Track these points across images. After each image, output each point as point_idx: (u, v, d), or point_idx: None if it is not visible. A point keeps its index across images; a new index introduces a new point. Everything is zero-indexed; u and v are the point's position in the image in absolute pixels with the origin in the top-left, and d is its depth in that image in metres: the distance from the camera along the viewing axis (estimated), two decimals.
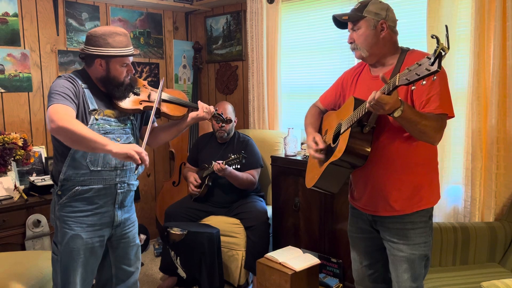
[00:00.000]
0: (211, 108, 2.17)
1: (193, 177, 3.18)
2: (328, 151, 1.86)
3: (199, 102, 2.16)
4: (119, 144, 1.77)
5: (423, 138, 1.64)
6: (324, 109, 2.12)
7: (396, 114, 1.52)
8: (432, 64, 1.32)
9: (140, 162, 1.73)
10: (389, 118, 1.73)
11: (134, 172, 1.94)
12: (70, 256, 1.89)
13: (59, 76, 1.90)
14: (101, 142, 1.71)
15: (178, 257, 2.77)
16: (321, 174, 1.84)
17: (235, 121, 3.34)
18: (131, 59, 1.97)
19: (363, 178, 1.87)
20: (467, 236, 2.32)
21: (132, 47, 1.95)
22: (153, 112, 1.99)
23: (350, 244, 2.07)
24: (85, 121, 1.86)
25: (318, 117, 2.11)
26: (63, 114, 1.73)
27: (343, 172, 1.81)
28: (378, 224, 1.87)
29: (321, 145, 1.86)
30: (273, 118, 3.63)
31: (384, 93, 1.48)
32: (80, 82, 1.90)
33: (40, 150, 3.25)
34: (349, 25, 1.83)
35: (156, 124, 2.22)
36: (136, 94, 2.01)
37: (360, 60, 1.95)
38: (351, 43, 1.84)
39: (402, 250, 1.79)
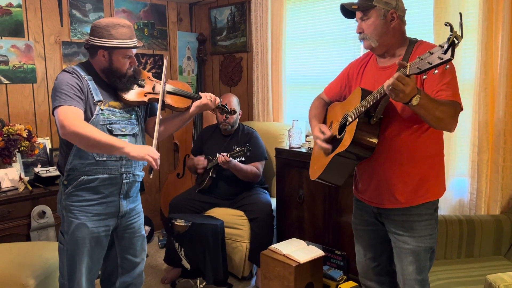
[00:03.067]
0: (217, 99, 2.16)
1: (197, 158, 3.19)
2: (333, 142, 1.84)
3: (200, 93, 2.15)
4: (136, 147, 1.81)
5: (440, 125, 1.60)
6: (328, 100, 2.10)
7: (415, 101, 1.46)
8: (445, 52, 1.29)
9: (155, 167, 1.79)
10: (397, 109, 1.71)
11: (149, 176, 1.93)
12: (76, 245, 1.90)
13: (63, 70, 1.90)
14: (118, 145, 1.77)
15: (182, 249, 2.77)
16: (326, 166, 1.82)
17: (239, 114, 3.32)
18: (134, 51, 1.96)
19: (368, 170, 1.85)
20: (473, 229, 2.30)
21: (135, 39, 1.94)
22: (159, 105, 1.98)
23: (354, 236, 2.05)
24: (90, 112, 1.87)
25: (323, 109, 2.09)
26: (74, 118, 1.76)
27: (348, 164, 1.79)
28: (383, 216, 1.86)
29: (328, 133, 1.85)
30: (278, 110, 3.61)
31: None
32: (83, 74, 1.90)
33: (45, 142, 3.25)
34: (358, 14, 1.79)
35: (160, 117, 2.21)
36: (141, 86, 2.01)
37: (366, 51, 1.93)
38: (360, 33, 1.80)
39: (407, 242, 1.78)
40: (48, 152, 3.24)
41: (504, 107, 2.32)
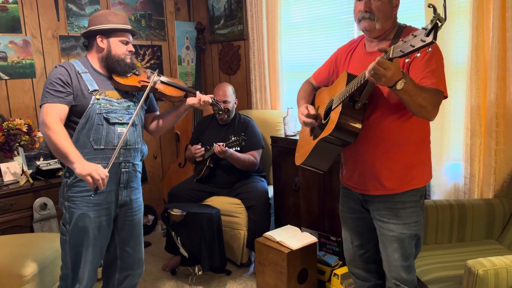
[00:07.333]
0: (209, 99, 2.22)
1: (194, 147, 3.21)
2: (319, 127, 1.84)
3: (197, 92, 2.20)
4: (85, 164, 1.82)
5: (422, 112, 1.58)
6: (317, 85, 2.10)
7: (399, 86, 1.45)
8: (428, 35, 1.28)
9: (93, 187, 1.80)
10: (383, 94, 1.70)
11: (92, 195, 1.93)
12: (79, 235, 1.97)
13: (56, 65, 1.99)
14: (71, 159, 1.81)
15: (179, 237, 2.82)
16: (311, 151, 1.82)
17: (235, 102, 3.33)
18: (131, 39, 2.07)
19: (353, 156, 1.85)
20: (464, 213, 2.29)
21: (130, 26, 2.07)
22: (148, 88, 2.04)
23: (341, 224, 2.06)
24: (84, 102, 1.94)
25: (311, 92, 2.09)
26: (51, 121, 1.85)
27: (333, 149, 1.78)
28: (368, 203, 1.86)
29: (312, 111, 1.85)
30: (275, 98, 3.60)
31: None
32: (78, 68, 1.99)
33: None
34: None
35: (158, 113, 2.30)
36: (136, 74, 2.11)
37: (353, 38, 1.91)
38: (366, 11, 1.72)
39: (391, 229, 1.78)
40: None
41: (496, 90, 2.28)
